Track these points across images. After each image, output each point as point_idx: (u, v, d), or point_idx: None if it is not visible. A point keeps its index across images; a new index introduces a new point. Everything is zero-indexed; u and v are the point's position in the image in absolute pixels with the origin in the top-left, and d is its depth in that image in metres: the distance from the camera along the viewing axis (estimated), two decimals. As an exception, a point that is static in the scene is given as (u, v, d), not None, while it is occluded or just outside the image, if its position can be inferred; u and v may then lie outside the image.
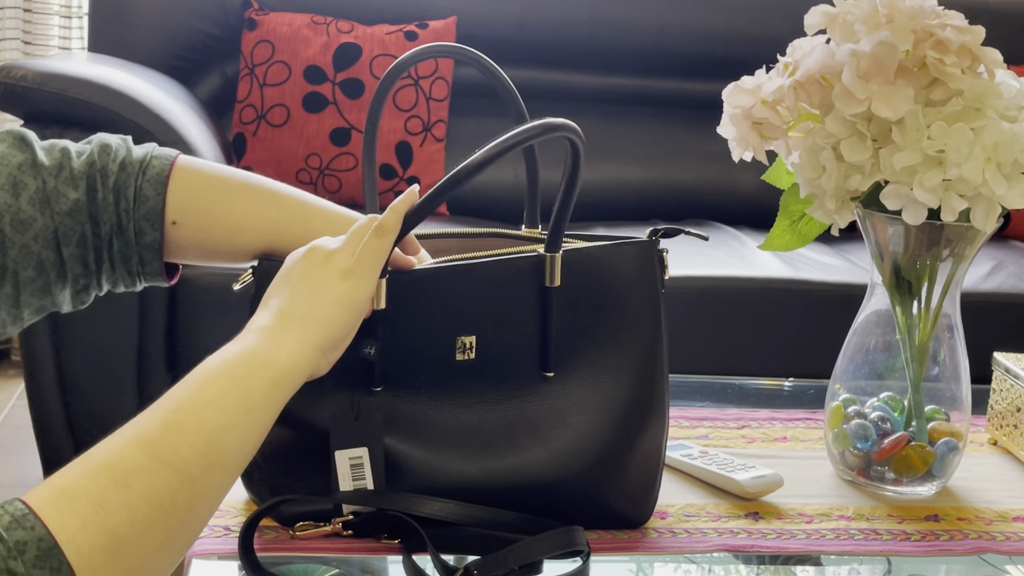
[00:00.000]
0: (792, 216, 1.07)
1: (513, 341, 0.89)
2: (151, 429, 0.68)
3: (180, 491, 0.67)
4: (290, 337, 0.77)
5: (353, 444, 0.86)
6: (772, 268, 2.09)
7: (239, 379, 0.73)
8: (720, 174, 2.52)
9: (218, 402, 0.71)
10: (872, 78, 0.90)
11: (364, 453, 0.86)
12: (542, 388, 0.90)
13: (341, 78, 2.31)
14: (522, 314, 0.89)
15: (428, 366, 0.89)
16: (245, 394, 0.73)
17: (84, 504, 0.63)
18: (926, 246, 0.97)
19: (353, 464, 0.86)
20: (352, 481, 0.86)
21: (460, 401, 0.89)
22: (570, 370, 0.90)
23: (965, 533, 0.97)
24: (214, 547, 0.86)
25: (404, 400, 0.88)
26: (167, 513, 0.66)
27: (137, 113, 1.87)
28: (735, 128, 1.00)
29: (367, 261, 0.81)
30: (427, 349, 0.88)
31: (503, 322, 0.89)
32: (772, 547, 0.93)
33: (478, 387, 0.89)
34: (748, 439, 1.15)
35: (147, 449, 0.67)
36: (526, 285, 0.89)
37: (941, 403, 1.03)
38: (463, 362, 0.88)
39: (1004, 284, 2.13)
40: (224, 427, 0.70)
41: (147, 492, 0.65)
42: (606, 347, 0.91)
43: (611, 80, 2.58)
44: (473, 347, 0.88)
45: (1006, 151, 0.89)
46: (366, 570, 0.87)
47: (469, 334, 0.88)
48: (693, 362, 1.97)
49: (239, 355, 0.75)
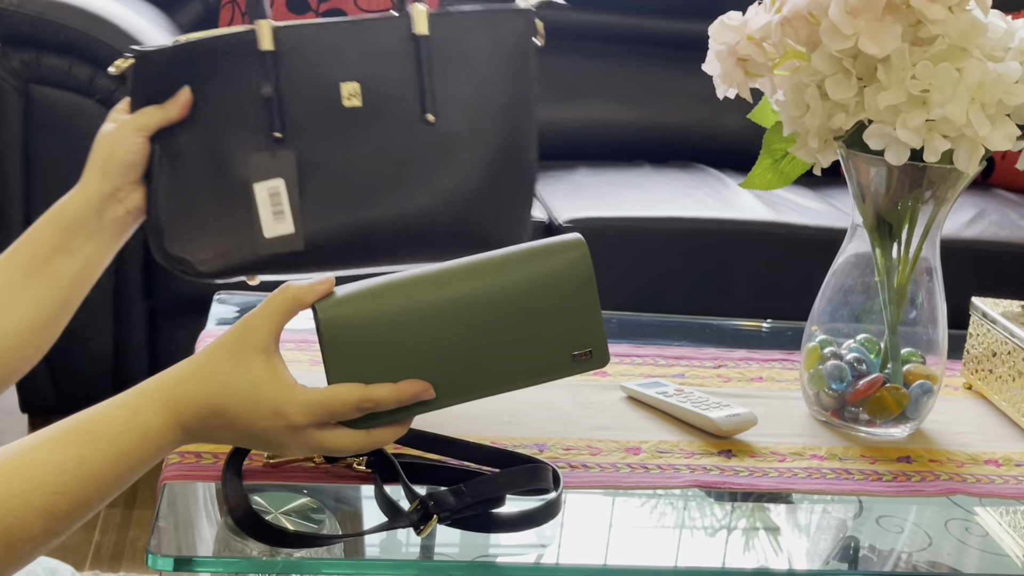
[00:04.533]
0: (775, 155, 1.06)
1: (394, 90, 0.98)
2: (8, 496, 0.71)
3: (18, 540, 0.72)
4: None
5: (269, 176, 0.96)
6: (754, 211, 2.09)
7: (86, 461, 0.74)
8: (706, 116, 2.51)
9: (66, 472, 0.73)
10: (860, 14, 0.89)
11: (281, 184, 0.95)
12: (424, 131, 0.99)
13: (324, 8, 2.27)
14: (399, 63, 0.98)
15: (318, 112, 0.97)
16: (85, 466, 0.74)
17: None
18: (908, 188, 0.97)
19: (272, 195, 0.96)
20: (273, 217, 0.95)
21: (351, 147, 0.98)
22: (449, 117, 0.99)
23: (936, 475, 0.98)
24: (186, 472, 0.86)
25: (301, 149, 0.97)
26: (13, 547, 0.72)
27: (115, 38, 1.84)
28: (720, 64, 0.99)
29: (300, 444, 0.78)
30: (316, 96, 0.97)
31: (383, 71, 0.98)
32: (744, 484, 0.93)
33: (365, 132, 0.98)
34: (724, 378, 1.15)
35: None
36: (398, 33, 0.99)
37: (918, 346, 1.04)
38: (351, 109, 0.97)
39: (986, 232, 2.13)
40: (60, 496, 0.73)
41: None
42: (482, 102, 1.00)
43: (598, 18, 2.55)
44: (358, 94, 0.96)
45: (990, 91, 0.88)
46: (339, 499, 0.87)
47: (351, 80, 0.97)
48: (672, 302, 1.98)
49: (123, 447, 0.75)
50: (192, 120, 0.98)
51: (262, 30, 0.97)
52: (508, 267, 0.82)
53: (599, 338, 0.83)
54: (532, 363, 0.82)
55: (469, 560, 0.81)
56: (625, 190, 2.17)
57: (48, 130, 1.85)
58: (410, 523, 0.79)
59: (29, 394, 2.02)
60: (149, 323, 1.98)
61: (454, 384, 0.80)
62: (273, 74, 0.97)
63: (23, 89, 1.83)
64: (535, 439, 0.97)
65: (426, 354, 0.80)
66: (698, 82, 1.60)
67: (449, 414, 0.92)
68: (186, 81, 0.97)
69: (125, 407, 0.75)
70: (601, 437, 0.99)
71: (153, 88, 0.98)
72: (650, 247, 2.00)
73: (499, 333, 0.81)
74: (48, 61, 1.83)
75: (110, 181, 0.96)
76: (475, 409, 1.00)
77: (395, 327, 0.79)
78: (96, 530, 1.87)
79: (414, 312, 0.80)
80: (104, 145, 0.96)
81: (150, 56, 0.97)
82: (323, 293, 0.79)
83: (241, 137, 0.98)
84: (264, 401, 0.76)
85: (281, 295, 0.78)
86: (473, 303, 0.80)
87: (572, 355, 0.83)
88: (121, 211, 0.96)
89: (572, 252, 0.82)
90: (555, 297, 0.82)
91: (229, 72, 0.98)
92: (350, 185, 0.98)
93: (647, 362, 1.18)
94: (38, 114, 1.84)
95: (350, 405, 0.77)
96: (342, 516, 0.85)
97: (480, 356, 0.81)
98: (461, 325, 0.80)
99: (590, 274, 0.82)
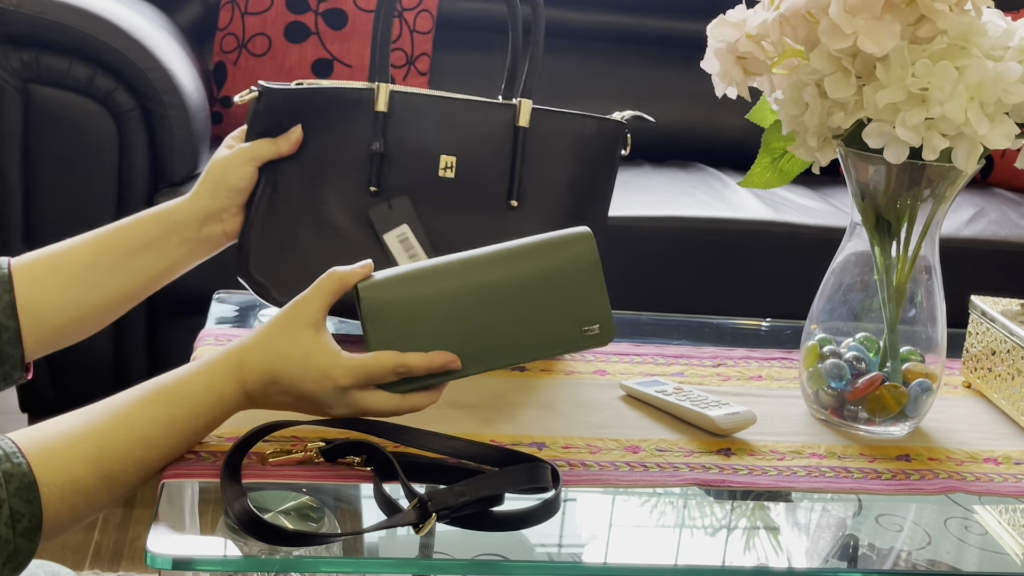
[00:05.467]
0: (774, 153, 1.06)
1: (487, 171, 1.09)
2: (113, 444, 0.82)
3: (119, 483, 0.83)
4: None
5: (394, 225, 1.07)
6: (754, 210, 2.09)
7: (174, 418, 0.85)
8: (705, 115, 2.51)
9: (159, 427, 0.84)
10: (859, 13, 0.89)
11: (407, 229, 1.07)
12: (506, 214, 1.10)
13: (324, 8, 2.27)
14: (497, 148, 1.09)
15: (415, 176, 1.08)
16: (174, 423, 0.85)
17: (60, 462, 0.79)
18: (907, 186, 0.97)
19: (401, 240, 1.07)
20: (409, 260, 1.07)
21: (438, 213, 1.09)
22: (530, 204, 1.10)
23: (935, 473, 0.98)
24: (185, 471, 0.86)
25: None
26: (112, 488, 0.82)
27: (115, 38, 1.84)
28: (719, 62, 0.99)
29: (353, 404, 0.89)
30: (416, 160, 1.08)
31: (481, 151, 1.09)
32: (743, 483, 0.93)
33: (454, 204, 1.09)
34: (723, 377, 1.15)
35: (104, 461, 0.81)
36: (501, 120, 1.10)
37: (917, 345, 1.04)
38: (444, 179, 1.08)
39: (985, 230, 2.13)
40: (153, 447, 0.84)
41: (101, 478, 0.81)
42: (562, 198, 1.11)
43: (597, 18, 2.55)
44: (454, 167, 1.05)
45: (989, 90, 0.88)
46: (338, 498, 0.87)
47: (451, 154, 1.08)
48: (671, 301, 1.98)
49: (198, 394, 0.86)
50: (298, 158, 1.07)
51: (381, 93, 1.08)
52: (526, 255, 0.92)
53: (606, 315, 0.94)
54: (547, 337, 0.93)
55: (468, 559, 0.81)
56: (624, 189, 2.16)
57: (47, 130, 1.85)
58: (409, 521, 0.79)
59: (29, 394, 2.02)
60: (149, 323, 1.98)
61: (477, 355, 0.91)
62: (382, 133, 1.08)
63: (23, 89, 1.83)
64: (534, 437, 0.97)
65: (453, 329, 0.90)
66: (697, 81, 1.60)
67: (448, 412, 0.93)
68: (300, 121, 1.07)
69: (203, 373, 0.86)
70: (600, 435, 0.99)
71: (269, 122, 1.07)
72: (650, 246, 2.00)
73: (517, 311, 0.91)
74: (48, 61, 1.83)
75: (218, 201, 1.05)
76: (474, 408, 1.01)
77: (426, 306, 0.90)
78: (96, 530, 1.87)
79: (443, 293, 0.90)
80: (218, 168, 1.06)
81: (273, 93, 1.06)
82: (364, 275, 0.90)
83: (340, 183, 1.08)
84: (314, 367, 0.86)
85: (328, 278, 0.89)
86: (495, 286, 0.91)
87: (582, 330, 0.93)
88: (219, 230, 1.06)
89: (581, 243, 0.93)
90: (566, 280, 0.92)
91: (341, 122, 1.07)
92: (435, 248, 1.08)
93: (646, 360, 1.18)
94: (38, 114, 1.85)
95: (387, 369, 0.87)
96: (341, 515, 0.85)
97: (500, 331, 0.91)
98: (484, 304, 0.91)
99: (596, 260, 0.93)
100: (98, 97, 1.85)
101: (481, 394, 1.04)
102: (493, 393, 1.05)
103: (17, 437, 0.79)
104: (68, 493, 0.78)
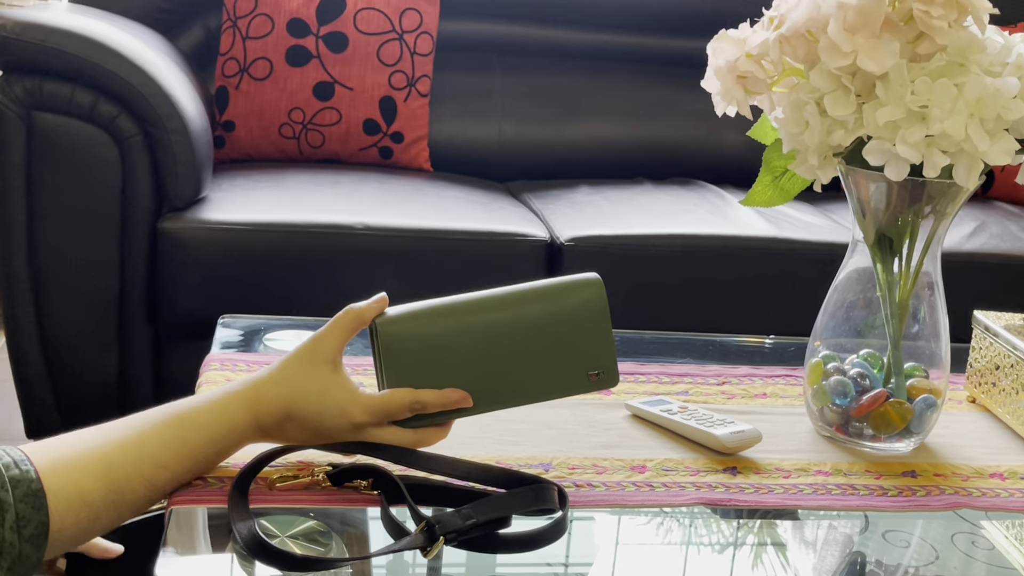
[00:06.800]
0: (775, 172, 1.06)
1: None
2: (122, 461, 0.82)
3: (125, 501, 0.82)
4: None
5: None
6: (755, 227, 2.09)
7: (185, 442, 0.85)
8: (706, 133, 2.51)
9: (169, 448, 0.84)
10: (858, 31, 0.89)
11: None
12: None
13: (325, 31, 2.28)
14: None
15: None
16: (184, 446, 0.85)
17: (68, 473, 0.79)
18: (908, 203, 0.97)
19: None
20: None
21: None
22: None
23: (942, 489, 0.98)
24: (193, 497, 0.86)
25: None
26: (118, 505, 0.82)
27: (118, 65, 1.84)
28: (719, 81, 1.00)
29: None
30: None
31: None
32: (749, 501, 0.93)
33: None
34: (728, 395, 1.15)
35: (112, 475, 0.81)
36: None
37: (920, 360, 1.04)
38: None
39: (986, 244, 2.13)
40: (162, 468, 0.84)
41: (107, 492, 0.81)
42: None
43: (597, 37, 2.56)
44: None
45: (989, 106, 0.88)
46: (345, 522, 0.87)
47: None
48: (674, 319, 1.98)
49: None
50: None
51: None
52: (537, 299, 0.94)
53: (611, 361, 0.95)
54: (553, 380, 0.94)
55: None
56: (626, 207, 2.17)
57: (51, 156, 1.86)
58: (417, 545, 0.79)
59: (33, 419, 2.02)
60: (153, 347, 1.98)
61: (487, 394, 0.93)
62: None
63: (25, 116, 1.84)
64: (540, 458, 0.97)
65: (465, 368, 0.92)
66: (698, 100, 1.60)
67: (454, 435, 0.93)
68: None
69: (218, 402, 0.87)
70: (606, 455, 0.99)
71: None
72: (652, 264, 2.00)
73: (526, 353, 0.93)
74: (50, 88, 1.83)
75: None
76: (480, 430, 1.01)
77: (440, 344, 0.91)
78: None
79: (457, 332, 0.92)
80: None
81: None
82: (380, 309, 0.91)
83: None
84: (332, 403, 0.88)
85: (345, 315, 0.90)
86: (506, 327, 0.93)
87: (587, 375, 0.94)
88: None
89: (590, 288, 0.95)
90: (574, 325, 0.94)
91: None
92: None
93: (651, 380, 1.18)
94: (40, 140, 1.85)
95: (403, 405, 0.89)
96: (349, 539, 0.85)
97: (510, 372, 0.93)
98: (495, 345, 0.92)
99: (604, 307, 0.95)
100: (101, 123, 1.85)
101: (486, 416, 1.04)
102: (498, 415, 1.05)
103: (28, 448, 0.79)
104: (75, 504, 0.79)
